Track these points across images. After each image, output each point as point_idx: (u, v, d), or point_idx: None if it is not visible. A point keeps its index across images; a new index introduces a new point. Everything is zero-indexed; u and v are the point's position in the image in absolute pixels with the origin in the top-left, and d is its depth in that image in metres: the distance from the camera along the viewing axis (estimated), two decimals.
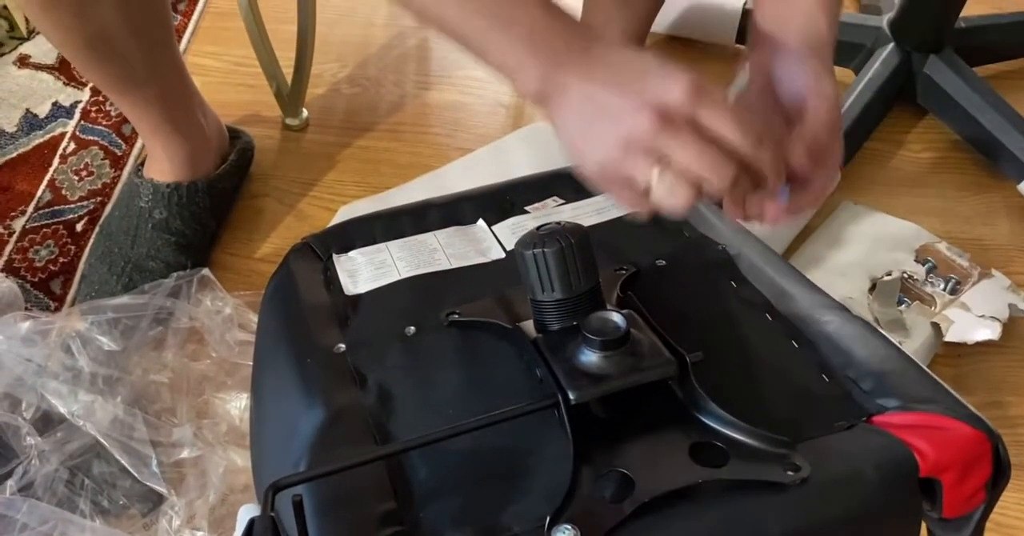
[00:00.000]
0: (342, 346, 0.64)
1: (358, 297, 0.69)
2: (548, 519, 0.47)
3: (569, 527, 0.46)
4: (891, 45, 1.14)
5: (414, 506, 0.51)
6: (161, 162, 0.99)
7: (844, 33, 1.19)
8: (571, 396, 0.52)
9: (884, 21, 1.16)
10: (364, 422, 0.57)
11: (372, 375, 0.61)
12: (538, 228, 0.57)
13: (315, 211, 1.07)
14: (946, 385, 0.55)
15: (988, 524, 0.55)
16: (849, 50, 1.19)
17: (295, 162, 1.13)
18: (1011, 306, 0.94)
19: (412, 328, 0.64)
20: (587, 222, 0.69)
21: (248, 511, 0.51)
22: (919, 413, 0.52)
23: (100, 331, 0.84)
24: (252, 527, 0.47)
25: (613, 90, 0.51)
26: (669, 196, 0.51)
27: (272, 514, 0.48)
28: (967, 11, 1.12)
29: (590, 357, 0.53)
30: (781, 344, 0.60)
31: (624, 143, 0.51)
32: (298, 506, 0.51)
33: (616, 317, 0.54)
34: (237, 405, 0.82)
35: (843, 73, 1.20)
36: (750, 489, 0.47)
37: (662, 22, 1.23)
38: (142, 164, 1.03)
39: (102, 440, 0.76)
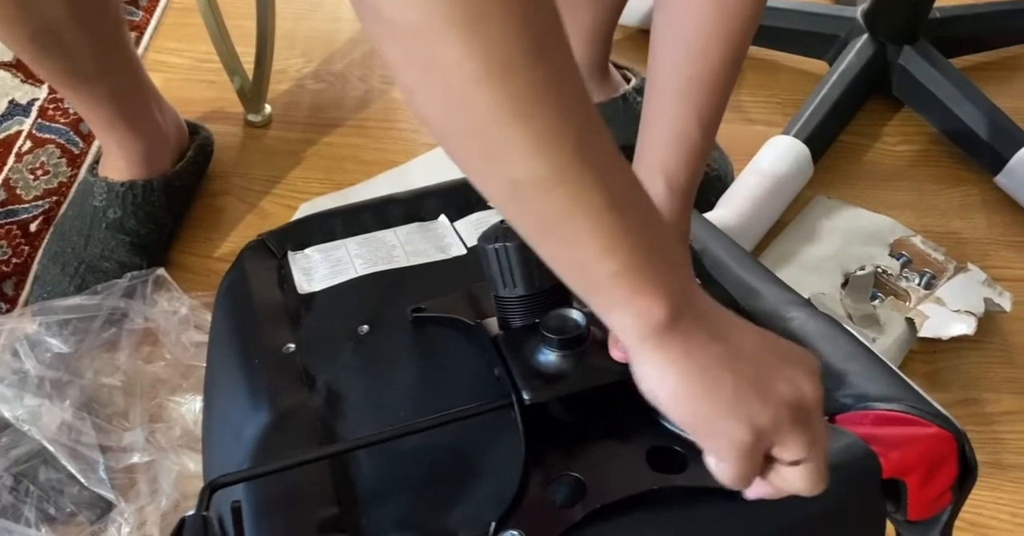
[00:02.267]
0: (291, 346, 0.63)
1: (312, 295, 0.68)
2: (494, 524, 0.46)
3: (515, 533, 0.45)
4: (865, 36, 1.13)
5: (357, 510, 0.50)
6: (116, 160, 0.97)
7: (818, 24, 1.18)
8: (526, 396, 0.51)
9: (858, 12, 1.15)
10: (311, 424, 0.56)
11: (322, 376, 0.60)
12: (501, 222, 0.56)
13: (277, 209, 1.05)
14: (913, 383, 0.53)
15: (962, 524, 0.54)
16: (823, 42, 1.18)
17: (257, 159, 1.11)
18: (987, 300, 0.92)
19: (366, 327, 0.63)
20: None
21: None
22: (883, 412, 0.51)
23: (50, 333, 0.82)
24: (182, 526, 0.45)
25: (761, 366, 0.42)
26: (814, 478, 0.44)
27: (205, 514, 0.47)
28: (942, 1, 1.11)
29: (548, 356, 0.52)
30: None
31: (791, 407, 0.42)
32: (236, 511, 0.49)
33: (576, 315, 0.53)
34: (192, 408, 0.80)
35: (817, 65, 1.19)
36: (707, 496, 0.46)
37: (633, 15, 1.22)
38: (97, 162, 1.01)
39: (48, 446, 0.74)
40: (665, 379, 0.41)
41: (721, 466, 0.43)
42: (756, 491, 0.45)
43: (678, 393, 0.42)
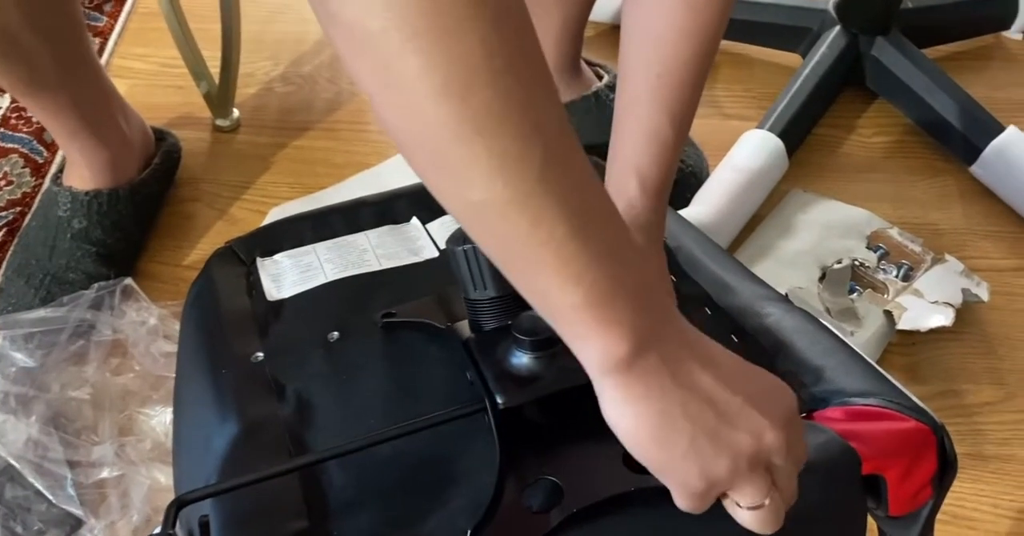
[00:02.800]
0: (260, 355, 0.61)
1: (281, 302, 0.67)
2: (469, 533, 0.45)
3: None
4: (837, 28, 1.13)
5: (329, 523, 0.50)
6: (80, 169, 0.95)
7: (790, 17, 1.18)
8: (499, 400, 0.50)
9: (830, 3, 1.15)
10: (280, 435, 0.55)
11: (291, 384, 0.59)
12: None
13: (247, 215, 1.04)
14: (891, 376, 0.53)
15: (944, 516, 0.54)
16: (795, 34, 1.17)
17: (226, 164, 1.10)
18: (965, 291, 0.92)
19: (336, 333, 0.62)
20: None
21: None
22: (861, 407, 0.50)
23: (15, 347, 0.81)
24: None
25: (722, 413, 0.41)
26: (766, 522, 0.43)
27: (171, 533, 0.46)
28: None
29: (521, 359, 0.52)
30: (721, 338, 0.57)
31: (750, 459, 0.41)
32: (204, 526, 0.48)
33: None
34: (162, 420, 0.79)
35: (791, 58, 1.19)
36: None
37: (605, 11, 1.21)
38: (61, 171, 0.99)
39: (13, 462, 0.73)
40: (623, 417, 0.40)
41: (675, 499, 0.43)
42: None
43: (634, 433, 0.40)
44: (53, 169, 1.07)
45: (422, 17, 0.32)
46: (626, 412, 0.40)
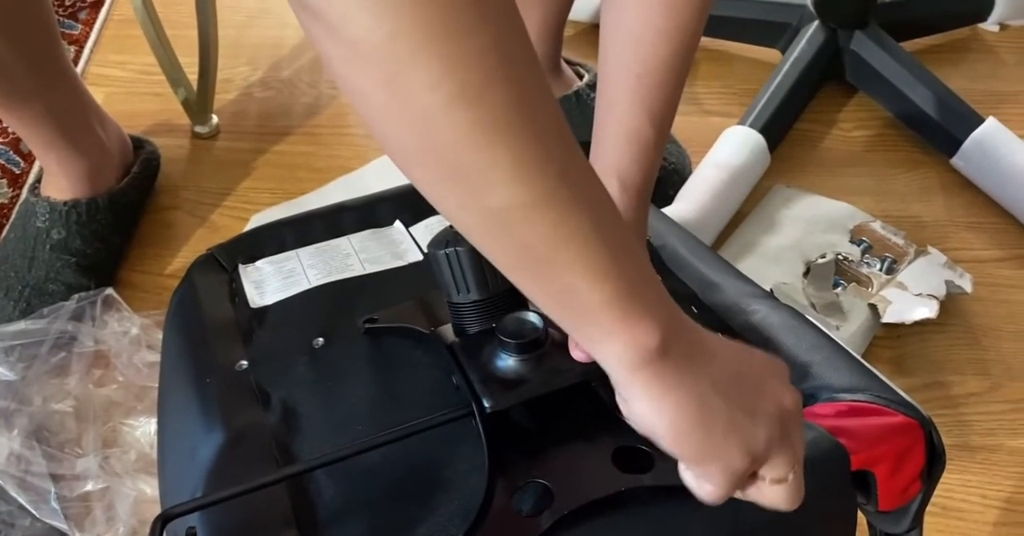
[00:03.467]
0: (244, 363, 0.61)
1: (264, 309, 0.66)
2: None
3: None
4: (816, 23, 1.13)
5: (317, 532, 0.49)
6: (58, 178, 0.95)
7: (769, 13, 1.18)
8: (486, 404, 0.49)
9: None
10: (266, 444, 0.55)
11: (276, 392, 0.58)
12: (451, 226, 0.54)
13: (229, 222, 1.04)
14: (878, 371, 0.53)
15: (933, 508, 0.54)
16: (775, 30, 1.18)
17: (206, 171, 1.09)
18: (948, 283, 0.92)
19: (321, 340, 0.61)
20: None
21: None
22: (849, 403, 0.50)
23: None
24: None
25: (746, 385, 0.42)
26: (794, 495, 0.43)
27: None
28: None
29: (507, 361, 0.51)
30: None
31: (781, 425, 0.42)
32: None
33: (533, 317, 0.52)
34: (147, 431, 0.78)
35: (770, 54, 1.19)
36: (676, 494, 0.45)
37: (584, 10, 1.21)
38: (39, 182, 0.98)
39: None
40: (663, 411, 0.39)
41: (706, 488, 0.42)
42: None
43: (676, 424, 0.39)
44: (30, 179, 1.06)
45: (435, 19, 0.31)
46: (665, 404, 0.39)
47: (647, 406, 0.40)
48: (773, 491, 0.43)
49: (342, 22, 0.31)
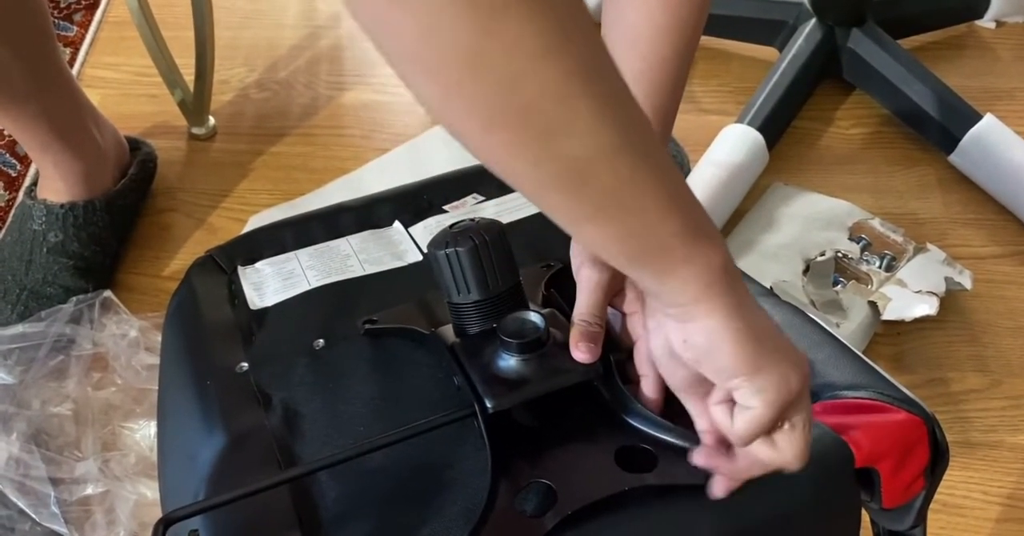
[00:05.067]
0: (245, 365, 0.61)
1: (264, 311, 0.66)
2: None
3: None
4: (813, 21, 1.13)
5: (321, 535, 0.48)
6: (54, 181, 0.94)
7: (766, 11, 1.18)
8: (488, 404, 0.49)
9: None
10: (268, 446, 0.55)
11: (277, 394, 0.58)
12: (451, 226, 0.54)
13: (226, 223, 1.03)
14: (880, 368, 0.52)
15: (935, 505, 0.54)
16: (772, 28, 1.17)
17: (203, 173, 1.09)
18: (947, 279, 0.92)
19: (321, 341, 0.61)
20: (510, 218, 0.67)
21: None
22: (852, 400, 0.50)
23: None
24: None
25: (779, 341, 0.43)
26: (806, 450, 0.45)
27: None
28: None
29: (508, 361, 0.51)
30: None
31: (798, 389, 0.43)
32: None
33: (534, 317, 0.51)
34: (147, 434, 0.78)
35: (767, 52, 1.19)
36: (679, 493, 0.46)
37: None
38: (35, 185, 0.98)
39: None
40: (731, 322, 0.41)
41: (763, 397, 0.42)
42: (723, 486, 0.45)
43: (740, 333, 0.41)
44: (27, 182, 1.06)
45: None
46: (735, 317, 0.41)
47: (717, 321, 0.41)
48: (786, 440, 0.44)
49: None
